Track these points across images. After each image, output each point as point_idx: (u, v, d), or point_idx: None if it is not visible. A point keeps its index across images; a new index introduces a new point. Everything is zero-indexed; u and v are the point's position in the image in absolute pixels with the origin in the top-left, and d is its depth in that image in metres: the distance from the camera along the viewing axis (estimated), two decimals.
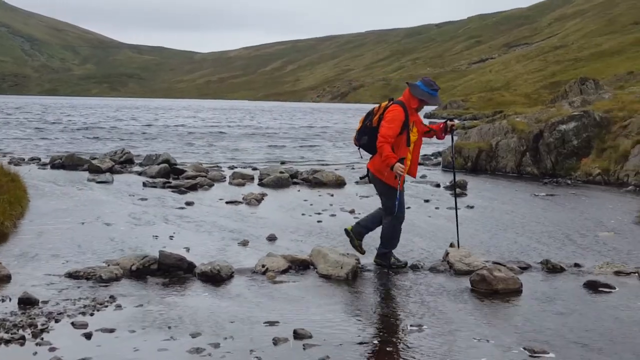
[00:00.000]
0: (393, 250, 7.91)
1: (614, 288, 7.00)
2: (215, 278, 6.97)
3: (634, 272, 7.60)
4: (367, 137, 7.70)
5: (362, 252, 8.02)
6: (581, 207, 12.95)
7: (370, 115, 7.74)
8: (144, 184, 14.77)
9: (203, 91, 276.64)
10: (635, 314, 6.19)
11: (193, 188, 14.35)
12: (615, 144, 17.29)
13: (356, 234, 8.04)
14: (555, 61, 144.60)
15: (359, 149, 8.12)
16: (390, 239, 7.83)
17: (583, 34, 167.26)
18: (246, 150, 26.61)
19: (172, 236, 9.31)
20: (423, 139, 7.94)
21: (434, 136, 8.09)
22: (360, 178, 8.29)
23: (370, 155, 7.87)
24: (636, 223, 11.03)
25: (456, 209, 8.80)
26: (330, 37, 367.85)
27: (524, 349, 5.19)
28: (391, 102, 7.63)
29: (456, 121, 8.26)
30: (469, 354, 5.12)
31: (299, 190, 14.72)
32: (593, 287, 7.03)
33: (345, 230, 8.16)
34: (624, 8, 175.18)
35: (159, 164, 16.92)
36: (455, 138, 8.65)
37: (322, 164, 20.78)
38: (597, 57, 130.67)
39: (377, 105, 7.84)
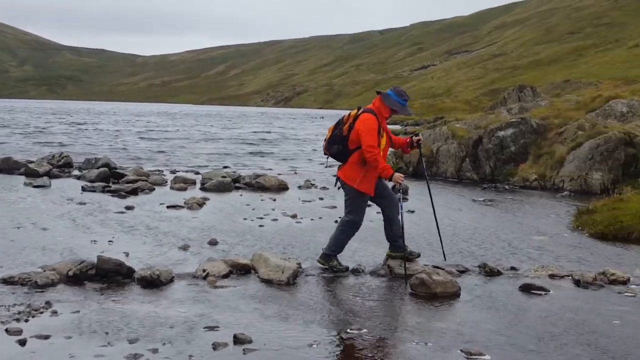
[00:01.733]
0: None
1: (549, 291, 7.17)
2: (155, 283, 6.89)
3: (568, 275, 7.80)
4: (337, 145, 7.73)
5: (416, 256, 8.02)
6: (518, 212, 13.23)
7: (340, 124, 7.76)
8: (83, 188, 14.50)
9: (145, 95, 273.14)
10: (568, 316, 6.35)
11: (133, 192, 14.15)
12: (551, 150, 17.71)
13: (396, 249, 7.98)
14: (494, 69, 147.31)
15: (327, 158, 8.15)
16: (339, 242, 7.90)
17: (521, 43, 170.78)
18: (189, 155, 26.36)
19: (111, 241, 9.17)
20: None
21: (400, 149, 8.21)
22: (335, 186, 8.27)
23: (340, 164, 7.89)
24: (570, 227, 11.31)
25: (436, 219, 8.62)
26: (274, 42, 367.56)
27: (461, 351, 5.27)
28: (362, 111, 7.67)
29: (421, 136, 8.33)
30: (408, 356, 5.17)
31: (241, 195, 14.67)
32: (528, 290, 7.19)
33: (389, 256, 8.05)
34: (561, 18, 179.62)
35: (98, 168, 16.63)
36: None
37: (266, 169, 20.73)
38: (535, 66, 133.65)
39: (346, 114, 7.85)
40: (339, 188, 8.12)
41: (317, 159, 25.82)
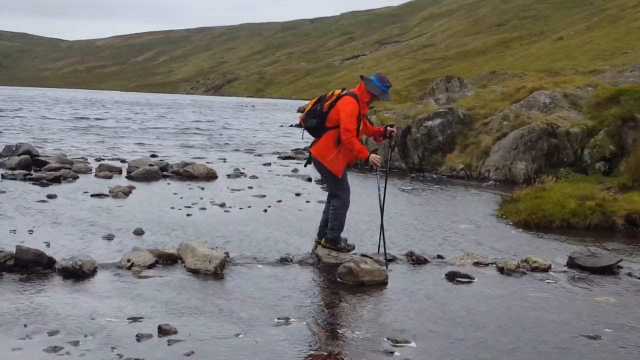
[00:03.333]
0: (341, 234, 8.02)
1: (473, 278, 7.30)
2: (77, 273, 6.71)
3: (492, 263, 7.95)
4: (315, 120, 7.74)
5: (351, 247, 8.01)
6: (445, 201, 13.43)
7: (322, 99, 7.79)
8: (3, 176, 14.03)
9: (70, 80, 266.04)
10: (492, 303, 6.47)
11: (56, 180, 13.78)
12: (477, 140, 18.04)
13: (322, 236, 8.03)
14: (424, 59, 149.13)
15: (303, 129, 8.13)
16: (336, 221, 7.88)
17: (450, 34, 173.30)
18: (117, 143, 25.82)
19: (32, 230, 8.89)
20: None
21: (372, 136, 8.27)
22: (305, 165, 8.25)
23: (313, 140, 7.90)
24: (495, 216, 11.54)
25: (382, 213, 8.35)
26: (204, 29, 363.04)
27: (388, 339, 5.31)
28: (345, 93, 7.72)
29: (395, 127, 8.35)
30: (335, 345, 5.18)
31: (168, 184, 14.45)
32: (454, 278, 7.30)
33: (317, 243, 8.07)
34: (489, 10, 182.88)
35: (19, 155, 16.08)
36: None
37: (195, 157, 20.48)
38: (463, 57, 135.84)
39: (330, 92, 7.88)
40: (305, 164, 8.14)
41: (245, 148, 25.67)
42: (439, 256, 8.28)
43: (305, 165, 8.29)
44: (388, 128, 8.15)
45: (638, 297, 6.82)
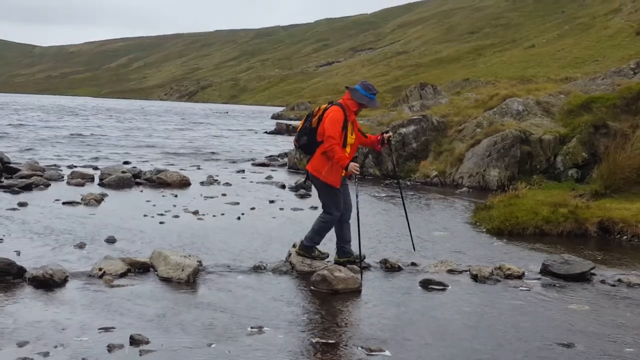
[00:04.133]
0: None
1: (447, 286, 7.29)
2: (48, 283, 6.60)
3: (466, 271, 7.95)
4: (306, 137, 7.81)
5: (357, 258, 7.93)
6: (419, 208, 13.45)
7: (310, 116, 7.87)
8: None
9: (43, 86, 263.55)
10: (466, 310, 6.47)
11: (27, 188, 13.60)
12: (451, 147, 18.11)
13: (344, 255, 8.02)
14: (397, 66, 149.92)
15: (297, 149, 8.17)
16: (317, 233, 7.91)
17: (424, 41, 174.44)
18: (90, 149, 25.59)
19: (1, 239, 8.75)
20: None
21: (371, 145, 8.29)
22: (304, 183, 8.29)
23: (309, 157, 7.96)
24: (468, 223, 11.57)
25: (406, 215, 8.90)
26: (177, 35, 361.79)
27: (362, 347, 5.28)
28: (330, 104, 7.80)
29: (391, 134, 8.38)
30: (310, 354, 5.14)
31: (141, 191, 14.33)
32: (427, 285, 7.28)
33: (335, 261, 7.98)
34: (461, 17, 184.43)
35: None
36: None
37: (168, 164, 20.34)
38: (437, 64, 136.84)
39: (317, 107, 7.96)
40: (305, 181, 8.15)
41: (219, 155, 25.56)
42: (413, 264, 8.27)
43: (304, 182, 8.31)
44: (384, 135, 8.18)
45: (611, 304, 6.85)
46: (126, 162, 20.35)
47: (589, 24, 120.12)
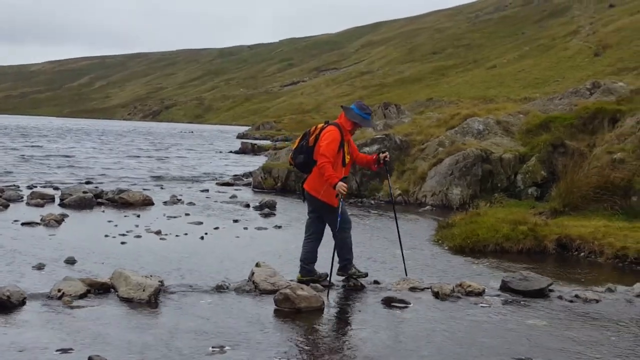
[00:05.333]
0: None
1: (409, 303, 7.34)
2: (5, 304, 6.50)
3: (428, 288, 8.02)
4: (302, 155, 7.90)
5: (325, 278, 7.99)
6: (382, 227, 13.53)
7: (306, 135, 7.93)
8: None
9: (2, 107, 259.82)
10: (427, 327, 6.52)
11: None
12: (413, 166, 18.28)
13: (307, 274, 8.07)
14: (362, 86, 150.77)
15: (293, 167, 8.27)
16: (343, 251, 7.96)
17: (387, 61, 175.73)
18: (51, 169, 25.29)
19: None
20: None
21: (367, 165, 8.36)
22: (304, 201, 8.27)
23: (305, 176, 8.03)
24: (431, 241, 11.68)
25: (400, 238, 8.93)
26: (141, 54, 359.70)
27: None
28: (327, 124, 7.87)
29: (388, 154, 8.43)
30: None
31: (103, 211, 14.21)
32: (390, 303, 7.33)
33: (298, 280, 8.02)
34: (424, 38, 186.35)
35: None
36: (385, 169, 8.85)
37: (131, 184, 20.19)
38: (400, 84, 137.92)
39: (313, 126, 8.04)
40: (304, 200, 8.15)
41: (183, 175, 25.44)
42: (376, 281, 8.31)
43: (303, 201, 8.30)
44: (381, 155, 8.24)
45: (568, 319, 6.96)
46: (88, 182, 20.15)
47: (549, 45, 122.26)
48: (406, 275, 8.49)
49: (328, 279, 7.96)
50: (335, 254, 8.00)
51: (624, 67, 79.34)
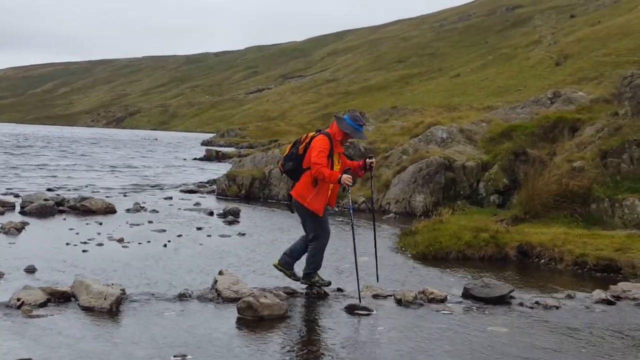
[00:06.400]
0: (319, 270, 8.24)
1: (372, 311, 7.37)
2: None
3: (391, 295, 8.06)
4: (292, 163, 7.94)
5: (298, 279, 8.18)
6: (346, 234, 13.55)
7: (297, 143, 7.97)
8: None
9: None
10: (389, 335, 6.56)
11: None
12: (378, 174, 18.37)
13: (284, 265, 8.23)
14: (327, 94, 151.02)
15: (282, 174, 8.30)
16: (315, 258, 8.07)
17: (353, 69, 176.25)
18: (12, 176, 24.91)
19: None
20: None
21: (353, 172, 8.28)
22: (292, 212, 8.31)
23: (293, 183, 8.07)
24: (394, 248, 11.74)
25: (375, 245, 8.92)
26: (105, 61, 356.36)
27: None
28: (318, 133, 7.90)
29: (374, 159, 8.43)
30: None
31: (65, 219, 14.04)
32: (353, 310, 7.35)
33: (274, 265, 8.30)
34: (389, 47, 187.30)
35: None
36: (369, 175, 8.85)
37: (93, 191, 19.99)
38: (366, 92, 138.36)
39: (304, 135, 8.07)
40: (293, 211, 8.18)
41: (147, 182, 25.25)
42: (339, 289, 8.34)
43: (292, 212, 8.34)
44: (367, 160, 8.26)
45: (529, 326, 7.05)
46: (49, 189, 19.90)
47: (511, 54, 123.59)
48: (377, 281, 8.51)
49: (326, 284, 8.17)
50: (357, 265, 8.07)
51: (584, 77, 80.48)
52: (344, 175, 7.61)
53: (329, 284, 8.23)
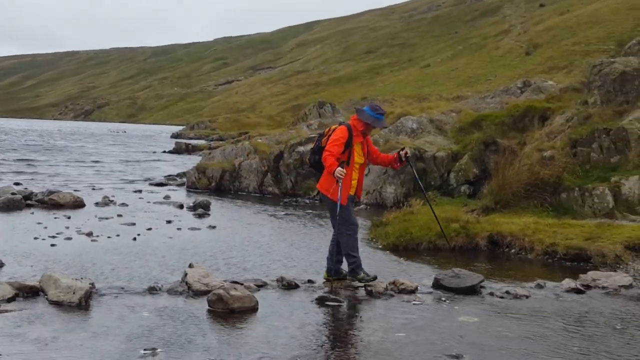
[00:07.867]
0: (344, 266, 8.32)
1: (343, 302, 7.39)
2: None
3: (361, 286, 8.07)
4: (317, 156, 8.08)
5: (371, 277, 8.06)
6: (317, 226, 13.55)
7: (321, 136, 8.17)
8: None
9: None
10: (360, 325, 6.57)
11: None
12: None
13: (336, 273, 8.24)
14: (297, 85, 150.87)
15: (309, 167, 8.52)
16: (350, 251, 8.07)
17: (323, 60, 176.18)
18: None
19: None
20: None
21: (389, 165, 8.49)
22: (320, 201, 8.46)
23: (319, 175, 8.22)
24: (365, 239, 11.74)
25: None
26: (72, 53, 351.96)
27: None
28: (340, 124, 8.11)
29: (407, 149, 8.50)
30: None
31: (32, 213, 13.86)
32: (324, 302, 7.35)
33: (326, 280, 8.23)
34: (359, 37, 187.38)
35: None
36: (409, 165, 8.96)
37: (61, 185, 19.74)
38: (336, 83, 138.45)
39: (327, 128, 8.27)
40: (320, 200, 8.29)
41: (116, 175, 25.02)
42: (310, 281, 8.33)
43: (320, 201, 8.48)
44: (401, 152, 8.35)
45: (499, 315, 7.10)
46: (17, 184, 19.61)
47: (481, 44, 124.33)
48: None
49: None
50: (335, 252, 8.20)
51: (554, 66, 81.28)
52: (338, 169, 7.69)
53: (375, 278, 8.13)
